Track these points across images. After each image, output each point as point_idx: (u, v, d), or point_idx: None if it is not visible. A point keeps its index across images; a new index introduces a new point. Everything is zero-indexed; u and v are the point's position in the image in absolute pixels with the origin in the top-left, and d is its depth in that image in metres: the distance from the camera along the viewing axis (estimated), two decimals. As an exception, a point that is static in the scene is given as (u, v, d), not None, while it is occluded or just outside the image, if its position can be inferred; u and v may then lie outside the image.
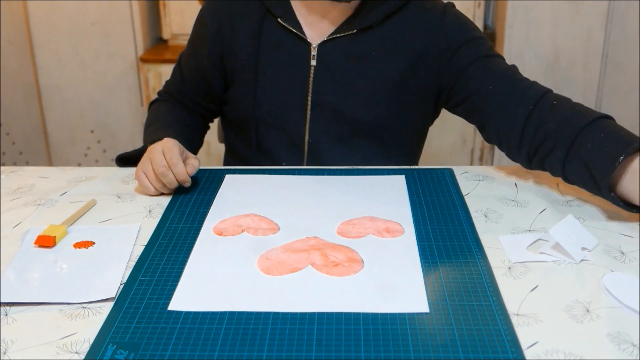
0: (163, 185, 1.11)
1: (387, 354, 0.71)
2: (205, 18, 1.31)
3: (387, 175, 1.19)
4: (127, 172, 1.23)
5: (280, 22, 1.25)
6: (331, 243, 0.95)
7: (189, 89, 1.37)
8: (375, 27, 1.24)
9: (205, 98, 1.37)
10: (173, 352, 0.72)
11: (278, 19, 1.25)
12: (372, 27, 1.24)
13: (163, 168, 1.09)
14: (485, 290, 0.82)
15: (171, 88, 1.40)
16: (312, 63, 1.25)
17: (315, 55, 1.24)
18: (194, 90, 1.36)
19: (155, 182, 1.11)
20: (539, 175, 1.18)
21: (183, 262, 0.91)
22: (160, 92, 1.43)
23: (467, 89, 1.22)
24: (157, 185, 1.11)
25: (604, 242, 0.95)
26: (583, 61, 2.50)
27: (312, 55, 1.25)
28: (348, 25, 1.24)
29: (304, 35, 1.25)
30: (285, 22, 1.25)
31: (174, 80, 1.40)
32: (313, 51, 1.24)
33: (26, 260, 0.92)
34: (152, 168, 1.11)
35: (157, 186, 1.11)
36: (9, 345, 0.74)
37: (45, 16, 2.64)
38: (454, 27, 1.25)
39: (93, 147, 2.85)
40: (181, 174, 1.10)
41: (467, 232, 0.97)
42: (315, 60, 1.25)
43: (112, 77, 2.74)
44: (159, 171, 1.09)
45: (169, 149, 1.11)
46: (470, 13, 2.62)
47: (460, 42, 1.23)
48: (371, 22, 1.23)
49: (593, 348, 0.72)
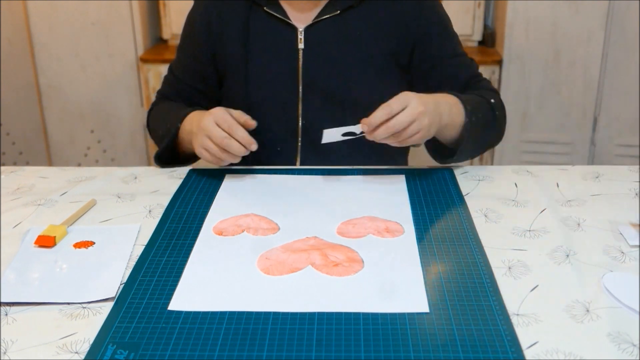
0: (229, 154, 1.10)
1: (387, 354, 0.71)
2: (195, 18, 1.34)
3: (387, 175, 1.19)
4: (127, 172, 1.23)
5: (267, 10, 1.27)
6: (331, 243, 0.95)
7: (185, 89, 1.37)
8: (357, 7, 1.27)
9: (202, 98, 1.38)
10: (173, 352, 0.72)
11: (264, 7, 1.28)
12: (353, 7, 1.27)
13: (225, 139, 1.09)
14: (485, 290, 0.82)
15: (167, 92, 1.40)
16: (300, 47, 1.28)
17: (303, 39, 1.28)
18: (190, 91, 1.37)
19: (221, 154, 1.11)
20: (539, 175, 1.18)
21: (183, 262, 0.90)
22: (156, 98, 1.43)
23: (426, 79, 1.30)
24: (223, 156, 1.11)
25: (604, 242, 0.95)
26: (583, 61, 2.50)
27: (299, 39, 1.28)
28: (331, 7, 1.27)
29: (290, 20, 1.28)
30: (271, 10, 1.27)
31: (167, 86, 1.41)
32: (300, 35, 1.28)
33: (26, 260, 0.92)
34: (213, 142, 1.10)
35: (224, 157, 1.11)
36: (9, 345, 0.74)
37: (45, 16, 2.64)
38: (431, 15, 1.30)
39: (93, 147, 2.85)
40: (245, 137, 1.09)
41: (467, 232, 0.97)
42: (302, 43, 1.28)
43: (112, 77, 2.73)
44: (223, 143, 1.09)
45: (221, 117, 1.11)
46: (470, 13, 2.62)
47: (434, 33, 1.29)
48: (352, 2, 1.27)
49: (593, 348, 0.72)
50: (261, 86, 1.30)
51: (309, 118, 1.31)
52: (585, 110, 2.56)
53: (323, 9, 1.27)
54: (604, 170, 1.19)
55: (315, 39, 1.28)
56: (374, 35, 1.28)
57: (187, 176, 1.19)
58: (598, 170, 1.20)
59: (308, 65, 1.28)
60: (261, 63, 1.29)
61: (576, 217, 1.02)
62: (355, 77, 1.28)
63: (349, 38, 1.28)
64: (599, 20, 2.44)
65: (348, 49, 1.28)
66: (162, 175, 1.21)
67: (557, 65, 2.52)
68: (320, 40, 1.28)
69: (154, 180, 1.19)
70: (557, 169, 1.21)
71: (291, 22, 1.28)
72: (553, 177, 1.17)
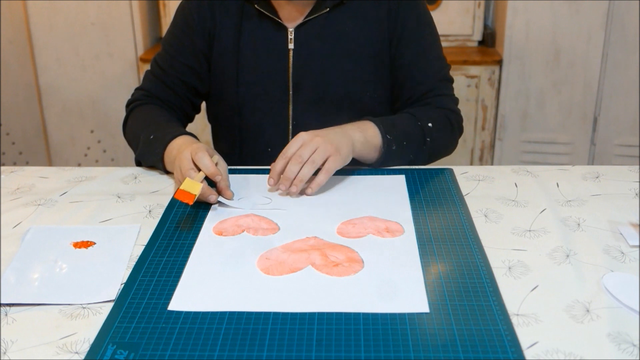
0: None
1: (387, 354, 0.71)
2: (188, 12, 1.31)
3: (387, 175, 1.19)
4: (127, 172, 1.23)
5: (257, 7, 1.27)
6: (331, 243, 0.95)
7: (172, 83, 1.33)
8: (346, 3, 1.28)
9: (189, 92, 1.35)
10: (173, 352, 0.72)
11: (255, 5, 1.27)
12: (343, 3, 1.27)
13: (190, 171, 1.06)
14: (485, 290, 0.82)
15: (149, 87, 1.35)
16: (290, 46, 1.28)
17: (293, 38, 1.28)
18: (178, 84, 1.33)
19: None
20: (539, 175, 1.18)
21: (183, 262, 0.90)
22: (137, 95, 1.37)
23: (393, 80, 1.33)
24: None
25: (604, 242, 0.95)
26: (583, 61, 2.50)
27: (289, 39, 1.28)
28: (320, 5, 1.27)
29: (280, 20, 1.28)
30: (262, 8, 1.27)
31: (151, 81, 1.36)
32: (290, 35, 1.28)
33: (26, 260, 0.92)
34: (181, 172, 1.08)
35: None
36: (9, 345, 0.74)
37: (45, 16, 2.64)
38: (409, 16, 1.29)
39: (93, 147, 2.85)
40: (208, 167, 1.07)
41: (467, 232, 0.97)
42: (292, 43, 1.28)
43: (112, 77, 2.73)
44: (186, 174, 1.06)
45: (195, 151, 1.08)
46: (470, 13, 2.62)
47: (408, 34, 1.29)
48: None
49: (593, 348, 0.72)
50: (251, 85, 1.30)
51: (299, 117, 1.31)
52: (585, 110, 2.57)
53: (313, 8, 1.28)
54: (604, 170, 1.19)
55: (305, 39, 1.28)
56: (362, 33, 1.28)
57: (187, 176, 1.19)
58: (598, 170, 1.20)
59: (298, 66, 1.29)
60: (252, 62, 1.30)
61: (576, 217, 1.02)
62: (345, 74, 1.29)
63: (339, 36, 1.28)
64: (599, 20, 2.44)
65: (337, 46, 1.28)
66: (162, 175, 1.21)
67: (557, 65, 2.52)
68: (310, 40, 1.28)
69: (154, 180, 1.19)
70: (557, 169, 1.21)
71: (282, 22, 1.28)
72: (553, 177, 1.17)
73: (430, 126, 1.25)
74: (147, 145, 1.21)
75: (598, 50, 2.48)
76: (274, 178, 1.11)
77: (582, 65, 2.51)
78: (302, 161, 1.09)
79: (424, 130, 1.25)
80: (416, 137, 1.24)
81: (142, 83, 1.38)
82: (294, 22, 1.28)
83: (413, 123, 1.25)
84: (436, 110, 1.30)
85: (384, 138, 1.19)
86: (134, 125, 1.31)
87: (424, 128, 1.25)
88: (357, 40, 1.28)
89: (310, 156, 1.09)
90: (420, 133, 1.24)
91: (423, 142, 1.25)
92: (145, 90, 1.36)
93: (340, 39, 1.28)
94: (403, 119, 1.26)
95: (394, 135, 1.21)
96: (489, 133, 2.65)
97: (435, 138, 1.26)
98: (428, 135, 1.25)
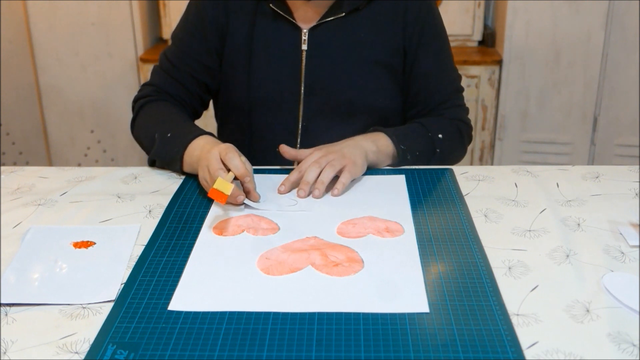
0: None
1: (387, 354, 0.71)
2: (202, 8, 1.29)
3: (387, 175, 1.19)
4: (127, 172, 1.23)
5: (272, 7, 1.26)
6: (331, 243, 0.95)
7: (182, 78, 1.32)
8: (363, 9, 1.27)
9: (199, 88, 1.34)
10: (173, 352, 0.72)
11: (270, 4, 1.26)
12: (359, 9, 1.27)
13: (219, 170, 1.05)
14: (485, 290, 0.82)
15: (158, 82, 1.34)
16: (304, 47, 1.27)
17: (306, 40, 1.27)
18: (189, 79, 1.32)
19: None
20: (539, 175, 1.18)
21: (183, 262, 0.90)
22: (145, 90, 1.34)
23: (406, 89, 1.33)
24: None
25: (604, 242, 0.95)
26: (583, 61, 2.50)
27: (303, 40, 1.27)
28: (336, 8, 1.26)
29: (294, 20, 1.27)
30: (277, 7, 1.26)
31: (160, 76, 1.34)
32: (304, 36, 1.27)
33: (26, 260, 0.92)
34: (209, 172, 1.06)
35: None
36: (9, 345, 0.74)
37: (45, 16, 2.64)
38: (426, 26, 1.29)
39: (93, 147, 2.85)
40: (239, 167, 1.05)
41: (467, 232, 0.97)
42: (306, 44, 1.27)
43: (112, 77, 2.73)
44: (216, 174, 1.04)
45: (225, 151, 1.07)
46: (470, 13, 2.62)
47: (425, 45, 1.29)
48: (358, 4, 1.26)
49: (593, 348, 0.72)
50: (263, 85, 1.29)
51: (309, 119, 1.30)
52: (585, 110, 2.57)
53: (328, 11, 1.27)
54: (604, 170, 1.19)
55: (319, 41, 1.27)
56: (377, 39, 1.27)
57: (187, 176, 1.19)
58: (598, 170, 1.20)
59: (310, 67, 1.28)
60: (264, 61, 1.29)
61: (576, 217, 1.02)
62: (357, 80, 1.28)
63: (353, 41, 1.27)
64: (599, 20, 2.44)
65: (351, 52, 1.27)
66: (162, 175, 1.21)
67: (557, 65, 2.52)
68: (323, 42, 1.27)
69: (154, 180, 1.19)
70: (557, 169, 1.21)
71: (296, 23, 1.27)
72: (553, 177, 1.17)
73: (440, 137, 1.27)
74: (165, 143, 1.20)
75: (598, 50, 2.48)
76: (286, 185, 1.12)
77: (582, 65, 2.51)
78: (320, 167, 1.11)
79: (434, 141, 1.26)
80: (426, 147, 1.26)
81: (151, 78, 1.36)
82: (309, 24, 1.27)
83: (423, 134, 1.26)
84: (448, 121, 1.31)
85: (398, 148, 1.21)
86: (146, 122, 1.29)
87: (434, 139, 1.26)
88: (370, 47, 1.27)
89: (328, 163, 1.12)
90: (430, 143, 1.26)
91: (433, 152, 1.26)
92: (154, 85, 1.34)
93: (354, 44, 1.27)
94: (413, 130, 1.27)
95: (407, 144, 1.22)
96: (489, 133, 2.65)
97: (444, 149, 1.27)
98: (438, 146, 1.26)
